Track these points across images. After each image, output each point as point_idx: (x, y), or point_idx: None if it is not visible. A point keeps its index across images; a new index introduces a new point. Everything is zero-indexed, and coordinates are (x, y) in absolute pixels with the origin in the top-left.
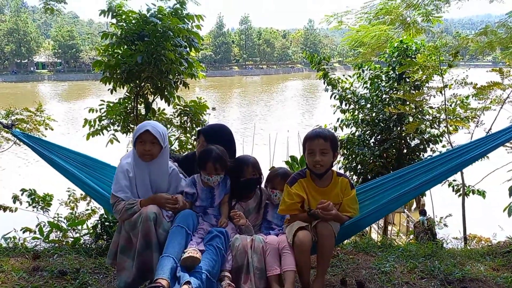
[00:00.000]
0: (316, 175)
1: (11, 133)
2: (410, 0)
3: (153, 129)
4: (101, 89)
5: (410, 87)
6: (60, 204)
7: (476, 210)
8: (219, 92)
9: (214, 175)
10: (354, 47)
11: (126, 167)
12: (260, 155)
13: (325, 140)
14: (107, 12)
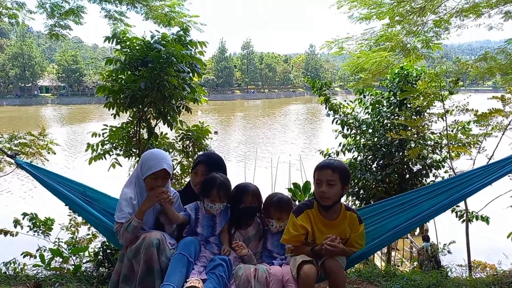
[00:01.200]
0: (323, 207)
1: (15, 162)
2: (410, 28)
3: (169, 167)
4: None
5: (411, 113)
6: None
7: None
8: (221, 115)
9: (217, 203)
10: (355, 72)
11: (130, 195)
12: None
13: (333, 171)
14: (111, 39)
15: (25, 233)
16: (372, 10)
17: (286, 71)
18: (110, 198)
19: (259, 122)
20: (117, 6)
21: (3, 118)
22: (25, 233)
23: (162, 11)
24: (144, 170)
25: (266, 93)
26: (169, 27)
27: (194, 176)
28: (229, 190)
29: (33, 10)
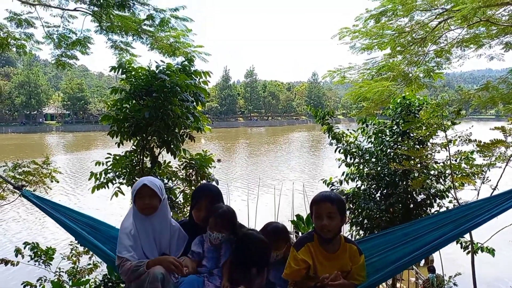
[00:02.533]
0: (324, 240)
1: (21, 194)
2: (411, 58)
3: (150, 183)
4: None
5: (414, 143)
6: (63, 258)
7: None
8: (225, 143)
9: (215, 232)
10: (358, 101)
11: (129, 228)
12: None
13: (332, 203)
14: (117, 69)
15: (26, 263)
16: (373, 41)
17: (289, 99)
18: (115, 229)
19: (263, 149)
20: (123, 37)
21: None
22: (26, 263)
23: (167, 42)
24: (131, 196)
25: (269, 121)
26: (174, 56)
27: (197, 211)
28: (230, 220)
29: (41, 41)
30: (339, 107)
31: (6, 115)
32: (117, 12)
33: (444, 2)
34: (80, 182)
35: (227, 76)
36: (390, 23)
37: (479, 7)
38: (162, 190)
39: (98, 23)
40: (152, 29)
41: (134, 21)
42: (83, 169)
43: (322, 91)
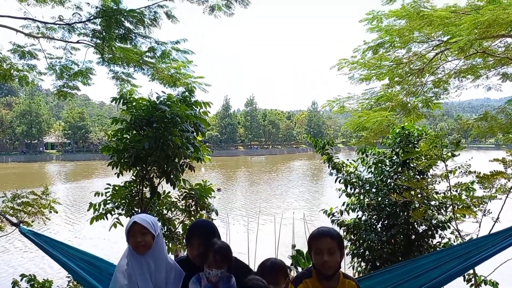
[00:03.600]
0: (323, 276)
1: (19, 230)
2: (409, 88)
3: (141, 220)
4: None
5: (414, 173)
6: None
7: None
8: (225, 172)
9: (214, 269)
10: (357, 131)
11: (124, 266)
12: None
13: (332, 238)
14: (118, 100)
15: None
16: (372, 71)
17: (289, 127)
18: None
19: (263, 178)
20: (124, 68)
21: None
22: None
23: (168, 73)
24: (126, 235)
25: (269, 149)
26: (174, 87)
27: (190, 249)
28: (228, 255)
29: (43, 72)
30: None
31: (6, 144)
32: (119, 44)
33: (441, 34)
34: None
35: (228, 105)
36: (388, 54)
37: (475, 39)
38: (154, 226)
39: (100, 55)
40: (153, 61)
41: (136, 53)
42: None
43: (322, 120)
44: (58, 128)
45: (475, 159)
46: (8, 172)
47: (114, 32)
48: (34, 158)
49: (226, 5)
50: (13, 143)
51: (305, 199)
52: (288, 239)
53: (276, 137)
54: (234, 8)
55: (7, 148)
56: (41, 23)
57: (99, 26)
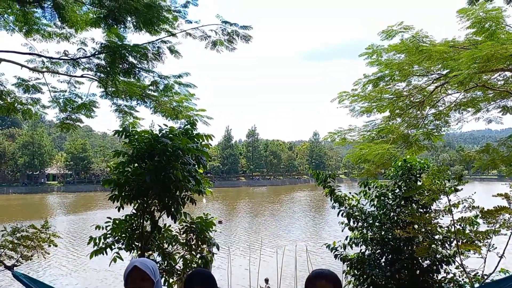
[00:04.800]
0: None
1: (12, 274)
2: (410, 120)
3: (142, 265)
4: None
5: (417, 207)
6: None
7: None
8: (226, 203)
9: None
10: (359, 163)
11: None
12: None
13: (327, 281)
14: (121, 133)
15: None
16: (372, 104)
17: (291, 158)
18: None
19: (265, 210)
20: (127, 101)
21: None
22: None
23: (171, 106)
24: (124, 280)
25: (271, 180)
26: (176, 120)
27: None
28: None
29: (47, 105)
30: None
31: (8, 176)
32: (122, 78)
33: (440, 68)
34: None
35: (229, 136)
36: (388, 87)
37: (475, 73)
38: (155, 272)
39: (103, 89)
40: (156, 94)
41: (139, 86)
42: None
43: (324, 151)
44: (60, 159)
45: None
46: (9, 204)
47: (118, 67)
48: (35, 190)
49: (228, 40)
50: (14, 175)
51: (308, 231)
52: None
53: (278, 168)
54: (236, 43)
55: (8, 179)
56: (46, 58)
57: (103, 61)
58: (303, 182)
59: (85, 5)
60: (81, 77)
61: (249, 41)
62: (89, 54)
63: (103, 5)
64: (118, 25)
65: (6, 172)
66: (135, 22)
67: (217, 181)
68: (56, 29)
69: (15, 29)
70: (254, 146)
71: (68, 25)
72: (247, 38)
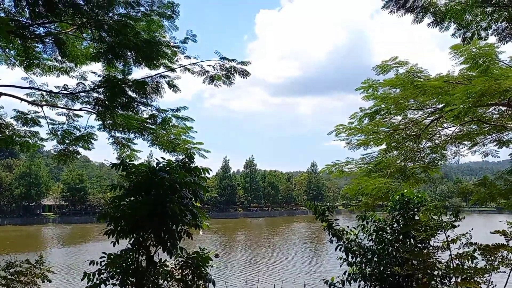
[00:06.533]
0: None
1: None
2: (407, 153)
3: None
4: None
5: (415, 242)
6: None
7: None
8: (224, 235)
9: None
10: (356, 196)
11: None
12: None
13: None
14: (118, 167)
15: None
16: (369, 137)
17: (289, 189)
18: None
19: (262, 242)
20: (125, 134)
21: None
22: None
23: (168, 139)
24: None
25: (269, 211)
26: (174, 152)
27: None
28: None
29: (45, 137)
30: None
31: (4, 207)
32: (120, 112)
33: (435, 102)
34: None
35: (227, 166)
36: (385, 120)
37: (469, 107)
38: None
39: (102, 122)
40: (153, 127)
41: (137, 119)
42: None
43: (322, 182)
44: (57, 190)
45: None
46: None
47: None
48: (31, 221)
49: (226, 76)
50: (10, 205)
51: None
52: None
53: (276, 199)
54: (234, 78)
55: (4, 210)
56: (46, 92)
57: (102, 95)
58: (301, 213)
59: (86, 40)
60: (80, 110)
61: (247, 76)
62: (88, 88)
63: (103, 40)
64: (118, 60)
65: (2, 203)
66: (135, 57)
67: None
68: (56, 63)
69: (16, 63)
70: (252, 177)
71: (68, 59)
72: (245, 73)
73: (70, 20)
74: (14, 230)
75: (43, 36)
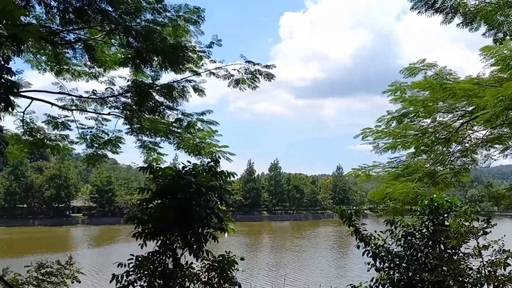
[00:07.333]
0: None
1: None
2: (436, 157)
3: None
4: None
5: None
6: None
7: None
8: (249, 238)
9: None
10: (384, 201)
11: None
12: None
13: None
14: (146, 170)
15: None
16: (397, 140)
17: (314, 192)
18: None
19: (288, 245)
20: (151, 138)
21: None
22: None
23: (193, 142)
24: None
25: (293, 214)
26: (199, 156)
27: None
28: None
29: (75, 141)
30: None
31: (34, 208)
32: (147, 116)
33: (465, 105)
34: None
35: (251, 169)
36: (413, 123)
37: (501, 111)
38: None
39: (129, 126)
40: (179, 131)
41: (163, 123)
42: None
43: (348, 185)
44: (85, 192)
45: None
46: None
47: (144, 105)
48: (60, 222)
49: (251, 79)
50: (41, 207)
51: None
52: None
53: (301, 202)
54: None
55: (35, 211)
56: (76, 97)
57: (130, 99)
58: (327, 217)
59: (114, 46)
60: (108, 115)
61: (272, 79)
62: (116, 92)
63: (131, 46)
64: (145, 64)
65: (33, 204)
66: (161, 62)
67: (239, 215)
68: (86, 69)
69: (47, 69)
70: (276, 180)
71: (97, 65)
72: (270, 76)
73: (99, 26)
74: (45, 231)
75: (73, 42)
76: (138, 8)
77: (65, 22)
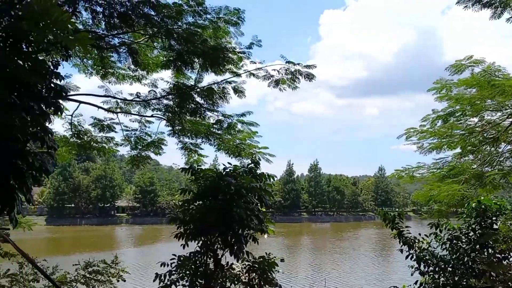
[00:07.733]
0: None
1: None
2: (484, 158)
3: None
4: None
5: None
6: None
7: None
8: (289, 239)
9: None
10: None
11: None
12: None
13: None
14: (188, 171)
15: None
16: (442, 140)
17: (355, 194)
18: None
19: (328, 247)
20: (192, 139)
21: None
22: None
23: (234, 143)
24: None
25: (334, 216)
26: (239, 157)
27: None
28: None
29: (120, 143)
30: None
31: (81, 208)
32: (189, 118)
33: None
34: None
35: (291, 170)
36: (459, 122)
37: None
38: None
39: (171, 127)
40: (219, 132)
41: (204, 125)
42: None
43: (390, 187)
44: (129, 192)
45: None
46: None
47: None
48: (106, 221)
49: (291, 79)
50: (87, 207)
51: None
52: None
53: (341, 204)
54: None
55: (82, 211)
56: (121, 100)
57: (171, 101)
58: (368, 219)
59: (156, 49)
60: (151, 117)
61: (312, 79)
62: (159, 95)
63: (172, 48)
64: (186, 66)
65: (80, 204)
66: (202, 64)
67: (278, 216)
68: (129, 72)
69: (93, 73)
70: (316, 181)
71: (140, 67)
72: (310, 76)
73: (142, 30)
74: (91, 230)
75: (117, 46)
76: (179, 11)
77: (110, 27)
